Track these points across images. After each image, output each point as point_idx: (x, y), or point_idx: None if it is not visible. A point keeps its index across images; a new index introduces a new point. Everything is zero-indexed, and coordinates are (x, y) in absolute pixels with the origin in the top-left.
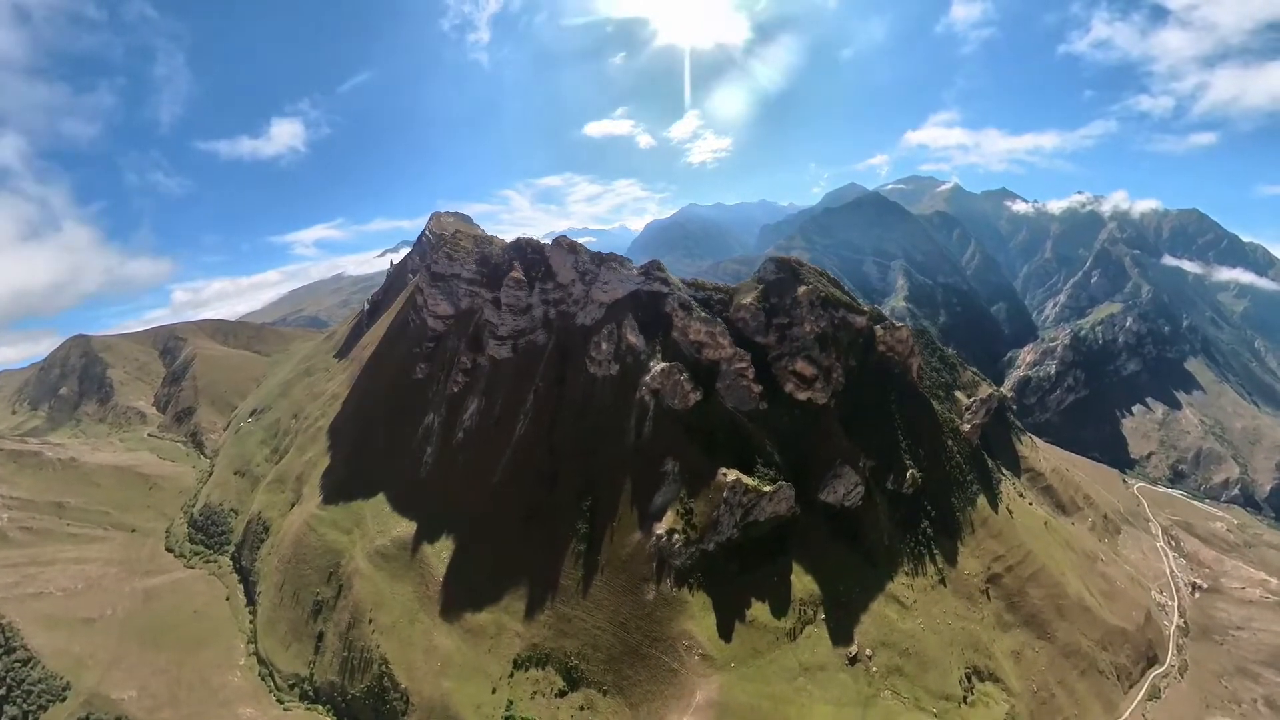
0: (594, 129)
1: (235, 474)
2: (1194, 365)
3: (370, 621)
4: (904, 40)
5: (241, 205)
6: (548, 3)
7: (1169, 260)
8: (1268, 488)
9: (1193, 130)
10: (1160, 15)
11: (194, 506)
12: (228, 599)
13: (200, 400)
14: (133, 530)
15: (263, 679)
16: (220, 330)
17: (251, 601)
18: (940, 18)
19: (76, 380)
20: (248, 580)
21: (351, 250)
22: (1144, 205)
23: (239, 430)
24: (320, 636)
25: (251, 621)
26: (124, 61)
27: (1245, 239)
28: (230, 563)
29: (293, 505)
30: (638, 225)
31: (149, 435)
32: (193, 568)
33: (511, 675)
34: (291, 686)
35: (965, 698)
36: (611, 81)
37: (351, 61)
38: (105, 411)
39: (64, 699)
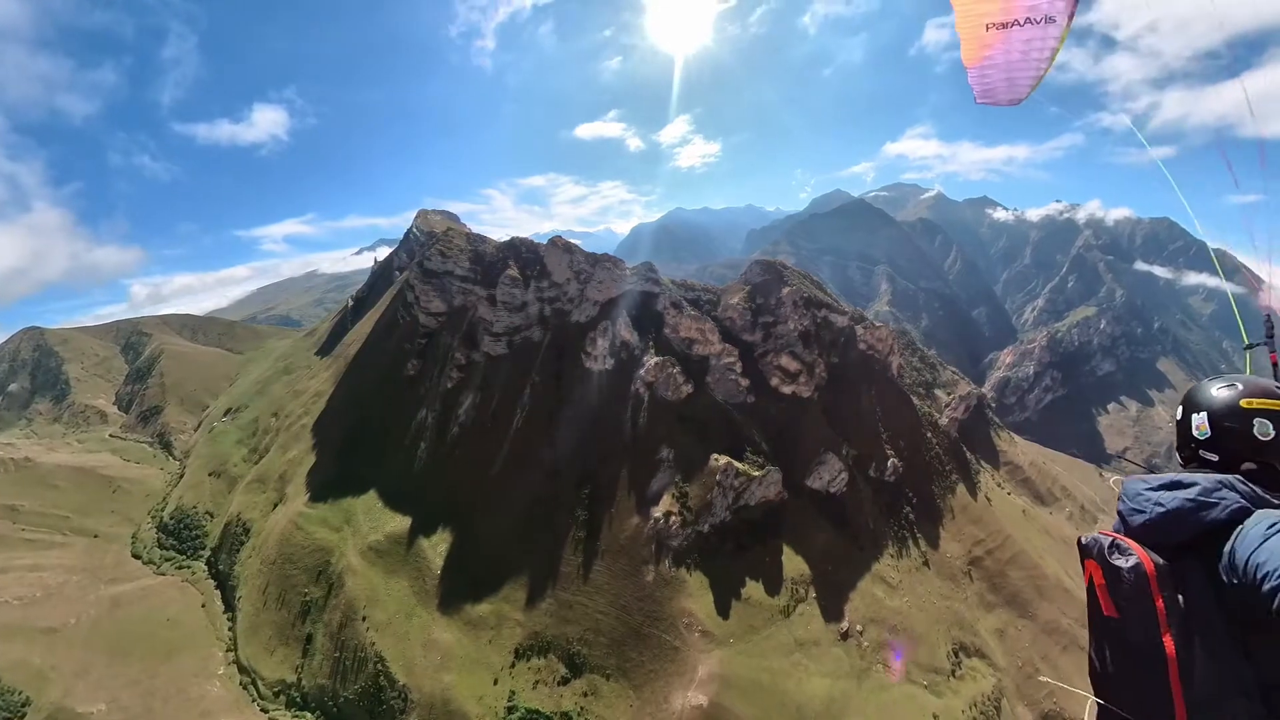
0: (584, 130)
1: (210, 475)
2: (1165, 365)
3: (364, 619)
4: (881, 61)
5: (217, 194)
6: (553, 11)
7: (1141, 265)
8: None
9: (1151, 144)
10: (1109, 43)
11: (163, 510)
12: (203, 606)
13: (168, 399)
14: (95, 535)
15: (244, 688)
16: (188, 326)
17: (230, 608)
18: (914, 41)
19: (28, 376)
20: (226, 585)
21: (324, 247)
22: (1117, 213)
23: (212, 430)
24: (309, 639)
25: (231, 628)
26: (135, 40)
27: (1213, 245)
28: (205, 568)
29: (275, 505)
30: (623, 228)
31: (110, 436)
32: (163, 574)
33: (513, 665)
34: (277, 694)
35: (954, 672)
36: (606, 85)
37: (351, 56)
38: (60, 410)
39: (23, 715)
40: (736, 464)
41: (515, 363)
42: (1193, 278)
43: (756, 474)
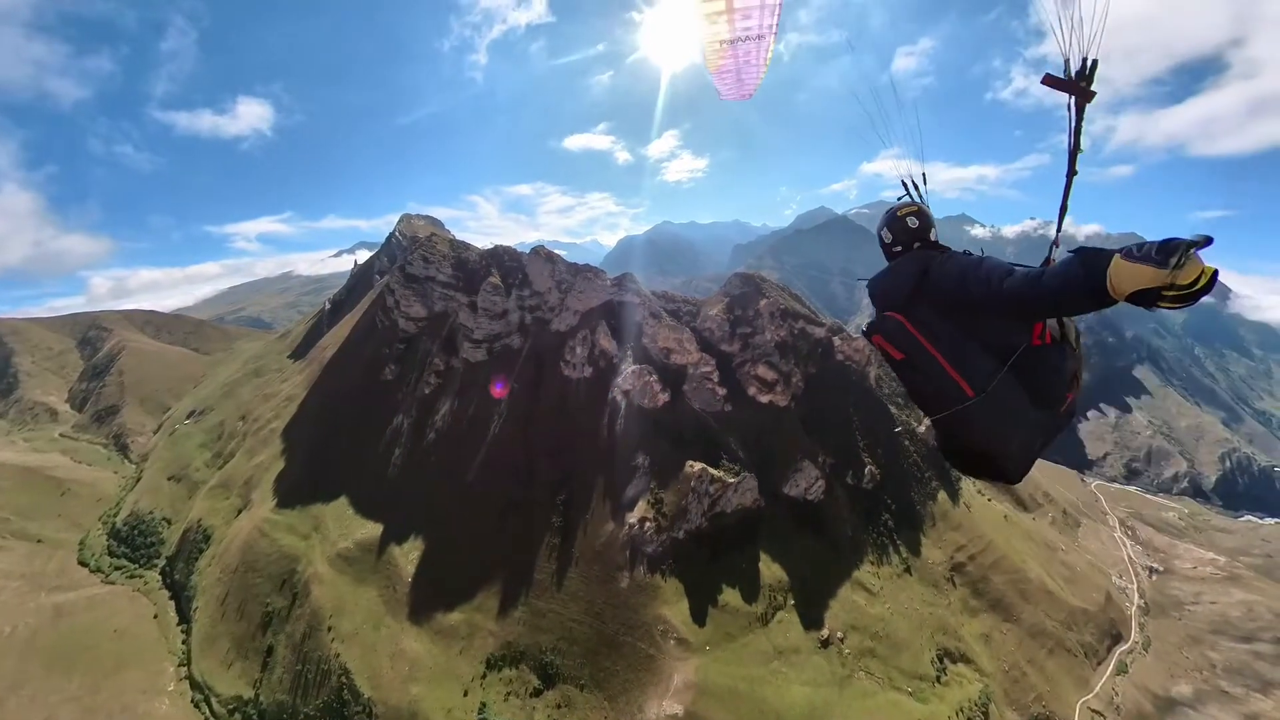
0: (573, 142)
1: (169, 479)
2: (1141, 372)
3: (329, 630)
4: (854, 86)
5: (191, 186)
6: (546, 31)
7: None
8: (1213, 479)
9: (1111, 164)
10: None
11: (116, 515)
12: (155, 617)
13: (127, 398)
14: (38, 540)
15: (197, 705)
16: (152, 323)
17: (185, 619)
18: (885, 69)
19: None
20: (181, 596)
21: (301, 248)
22: (1088, 229)
23: (174, 432)
24: (269, 651)
25: (184, 641)
26: (132, 30)
27: None
28: (160, 578)
29: (240, 511)
30: (610, 240)
31: (60, 435)
32: (112, 583)
33: (484, 676)
34: (232, 711)
35: (939, 678)
36: (596, 98)
37: (344, 58)
38: (7, 406)
39: None
40: (711, 470)
41: (494, 369)
42: None
43: (732, 480)
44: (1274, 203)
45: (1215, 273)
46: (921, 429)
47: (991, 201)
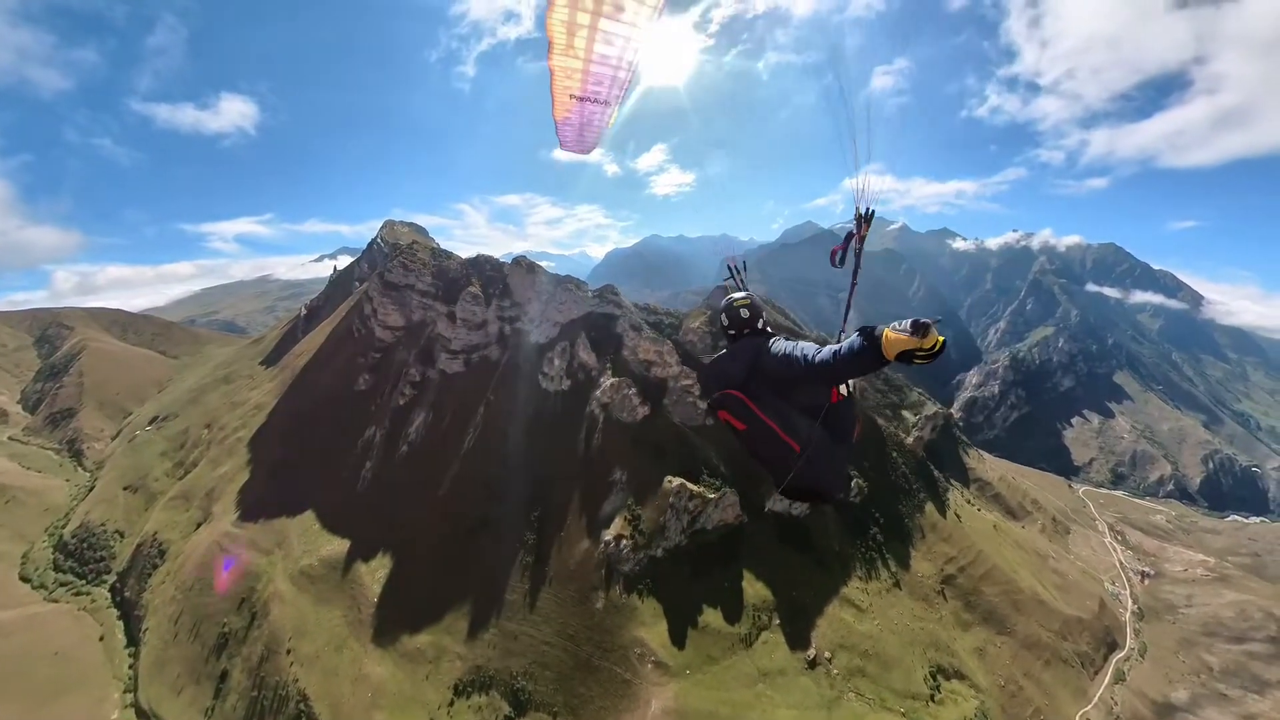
0: (563, 153)
1: (125, 489)
2: (1122, 378)
3: (289, 652)
4: (835, 103)
5: (169, 182)
6: (535, 45)
7: (1092, 287)
8: (1197, 480)
9: (1086, 176)
10: (1035, 89)
11: (64, 526)
12: (101, 639)
13: (85, 401)
14: None
15: None
16: (118, 322)
17: (134, 641)
18: (862, 88)
19: None
20: (131, 615)
21: (280, 251)
22: (1068, 240)
23: (134, 439)
24: (224, 676)
25: (132, 665)
26: (120, 24)
27: (1156, 267)
28: (109, 595)
29: (199, 525)
30: (599, 252)
31: (10, 439)
32: (56, 601)
33: (452, 703)
34: None
35: (933, 696)
36: None
37: (333, 61)
38: None
39: None
40: (690, 486)
41: (471, 381)
42: (1139, 296)
43: (712, 496)
44: (1241, 212)
45: (945, 341)
46: (910, 441)
47: (972, 215)
